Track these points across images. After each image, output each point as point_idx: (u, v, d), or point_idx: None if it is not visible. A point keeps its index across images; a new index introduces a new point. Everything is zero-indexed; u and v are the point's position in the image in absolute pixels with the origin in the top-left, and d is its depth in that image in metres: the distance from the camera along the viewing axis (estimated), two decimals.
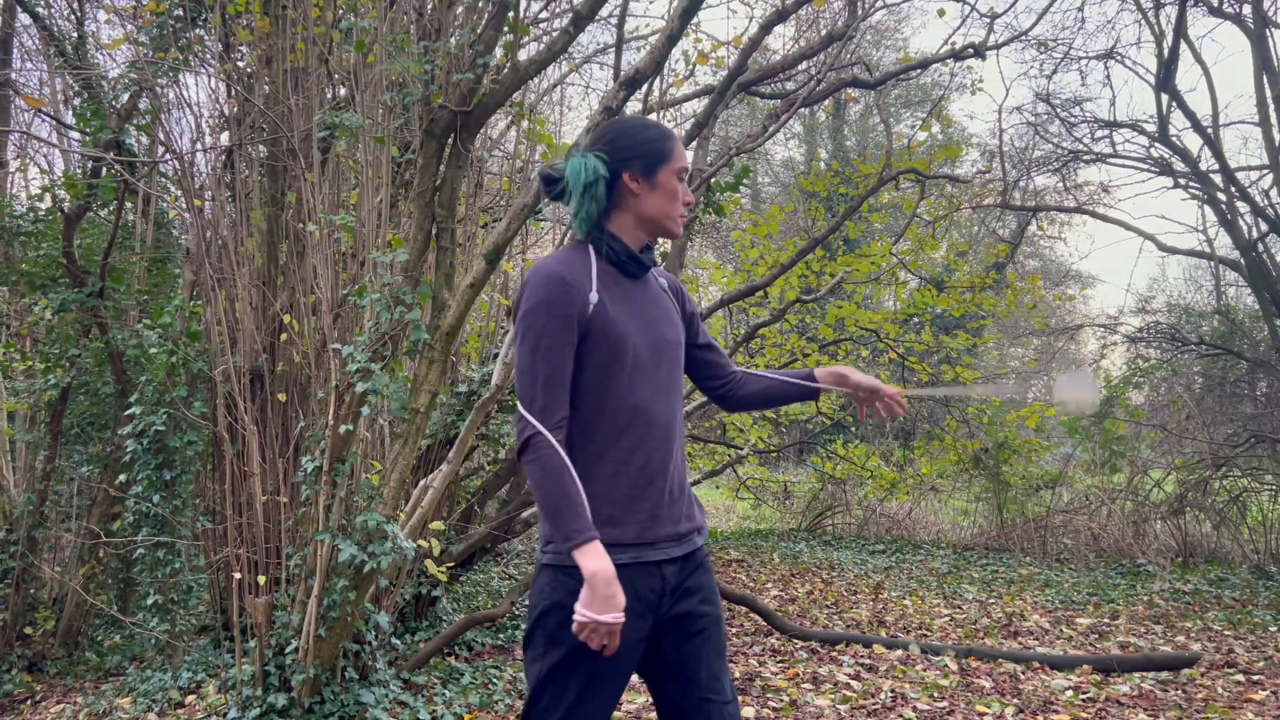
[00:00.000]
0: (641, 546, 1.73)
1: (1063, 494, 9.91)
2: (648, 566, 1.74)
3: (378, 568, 3.42)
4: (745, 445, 9.90)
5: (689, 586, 1.82)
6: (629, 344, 1.75)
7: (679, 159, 1.86)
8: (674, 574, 1.79)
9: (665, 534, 1.77)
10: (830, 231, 6.85)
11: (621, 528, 1.72)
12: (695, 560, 1.84)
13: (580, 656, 1.68)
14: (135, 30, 4.60)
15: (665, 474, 1.78)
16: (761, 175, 21.58)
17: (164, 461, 4.43)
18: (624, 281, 1.84)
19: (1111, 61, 9.61)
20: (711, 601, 1.85)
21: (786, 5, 4.97)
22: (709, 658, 1.80)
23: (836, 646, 5.18)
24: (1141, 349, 10.37)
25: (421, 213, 3.82)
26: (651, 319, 1.84)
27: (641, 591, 1.72)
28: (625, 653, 1.71)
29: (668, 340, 1.85)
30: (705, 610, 1.83)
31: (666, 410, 1.81)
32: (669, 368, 1.84)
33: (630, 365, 1.75)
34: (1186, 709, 4.03)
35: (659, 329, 1.84)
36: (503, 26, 3.81)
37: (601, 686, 1.72)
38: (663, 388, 1.81)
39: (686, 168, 1.88)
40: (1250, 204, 8.64)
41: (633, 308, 1.82)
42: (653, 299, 1.88)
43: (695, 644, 1.80)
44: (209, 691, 3.99)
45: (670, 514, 1.78)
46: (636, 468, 1.74)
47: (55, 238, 5.06)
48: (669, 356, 1.85)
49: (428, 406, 3.77)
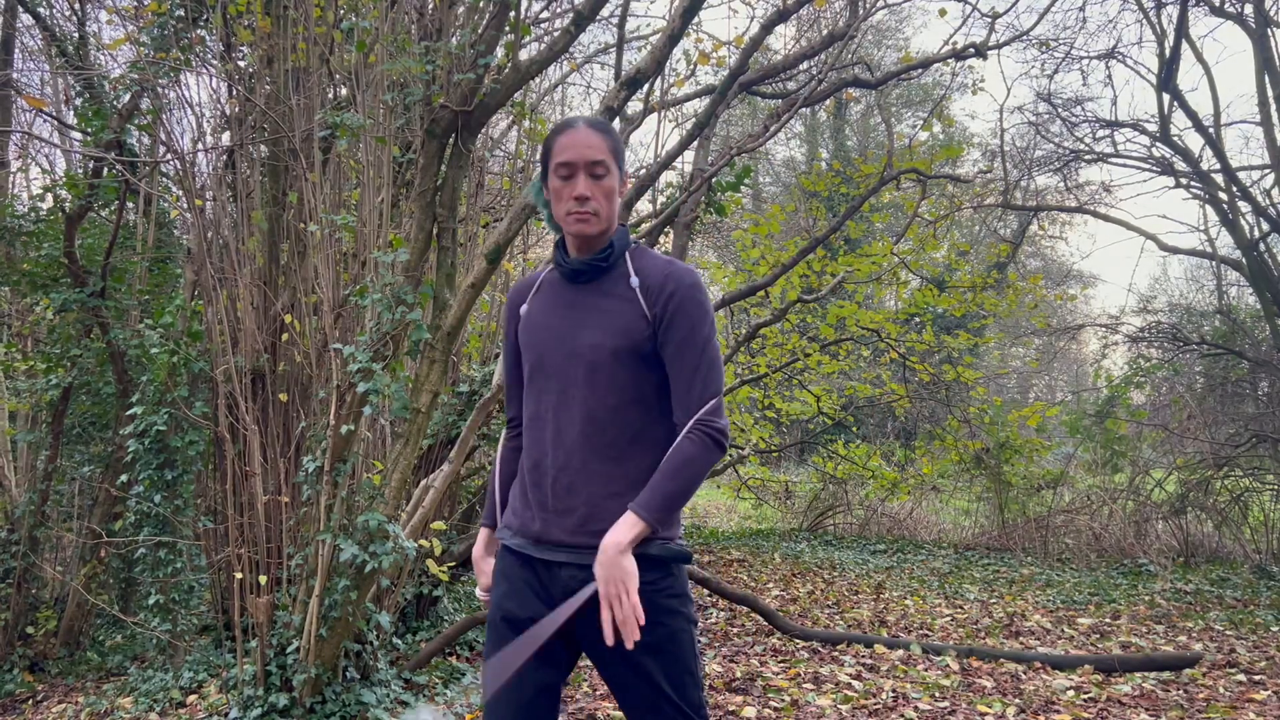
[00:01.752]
0: (522, 538, 1.82)
1: (1064, 494, 9.90)
2: (515, 555, 1.82)
3: (379, 567, 3.42)
4: (746, 445, 9.90)
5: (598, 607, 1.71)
6: (532, 353, 1.84)
7: (557, 153, 1.75)
8: (571, 578, 1.74)
9: (552, 538, 1.76)
10: (831, 231, 6.84)
11: (510, 513, 1.88)
12: None
13: (490, 626, 1.84)
14: (137, 30, 4.60)
15: (550, 478, 1.77)
16: (763, 175, 21.58)
17: (165, 461, 4.43)
18: (568, 288, 1.84)
19: (1113, 61, 9.61)
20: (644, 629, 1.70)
21: (788, 5, 4.97)
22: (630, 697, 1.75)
23: (838, 646, 5.18)
24: (1143, 349, 10.37)
25: (423, 212, 3.82)
26: (574, 325, 1.79)
27: (524, 577, 1.80)
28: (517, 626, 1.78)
29: (582, 346, 1.76)
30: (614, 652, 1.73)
31: (565, 417, 1.76)
32: (581, 373, 1.76)
33: (531, 371, 1.83)
34: (1188, 709, 4.03)
35: (577, 336, 1.77)
36: (504, 26, 3.81)
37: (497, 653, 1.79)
38: (565, 394, 1.77)
39: (567, 161, 1.74)
40: (1252, 203, 8.63)
41: (558, 315, 1.81)
42: (593, 304, 1.79)
43: (610, 677, 1.76)
44: (210, 691, 3.99)
45: (560, 522, 1.76)
46: (528, 468, 1.83)
47: (57, 238, 5.07)
48: (583, 363, 1.75)
49: (429, 406, 3.77)
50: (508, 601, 1.80)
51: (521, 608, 1.78)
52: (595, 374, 1.74)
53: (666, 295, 1.75)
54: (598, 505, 1.73)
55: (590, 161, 1.74)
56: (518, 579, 1.80)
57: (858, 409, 12.43)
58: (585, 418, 1.74)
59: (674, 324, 1.74)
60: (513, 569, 1.82)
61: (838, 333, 8.90)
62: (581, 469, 1.74)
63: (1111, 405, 9.71)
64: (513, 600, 1.79)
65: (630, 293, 1.78)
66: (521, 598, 1.79)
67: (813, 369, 9.45)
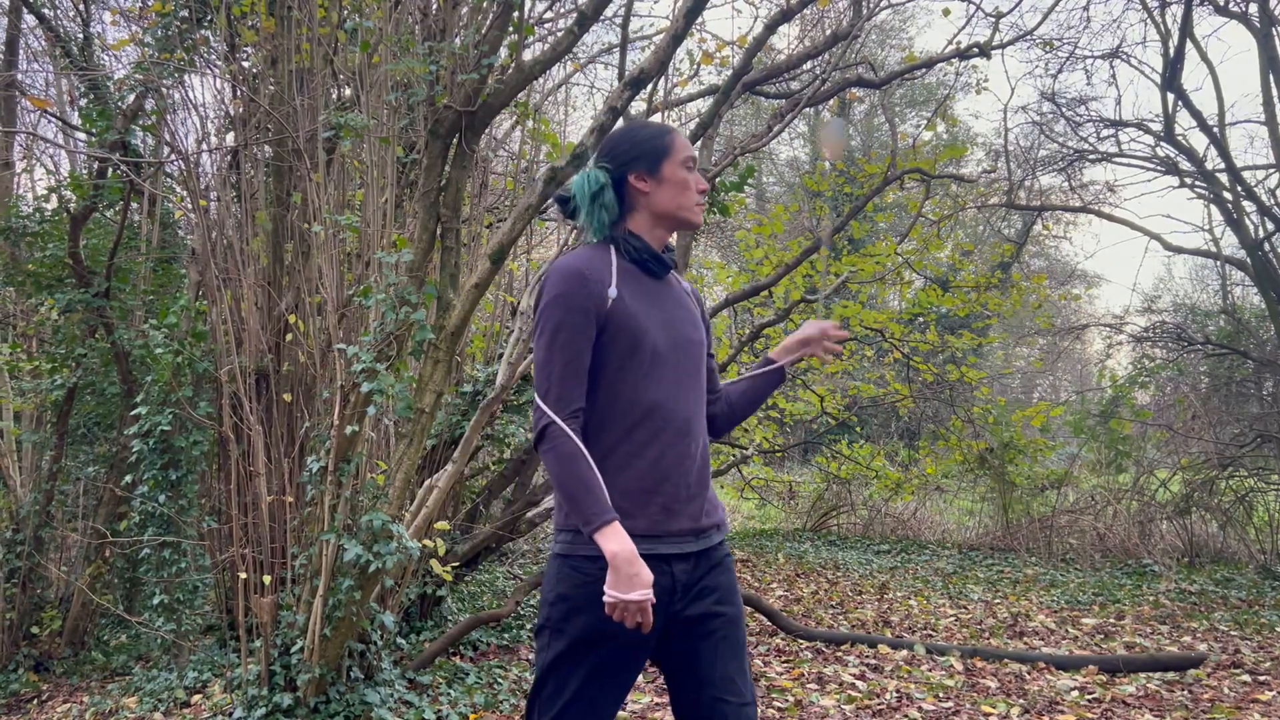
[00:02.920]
0: (651, 540, 1.72)
1: (1068, 494, 9.89)
2: (656, 561, 1.72)
3: (383, 567, 3.42)
4: (750, 445, 9.90)
5: (705, 586, 1.79)
6: (647, 339, 1.76)
7: (682, 149, 1.87)
8: (685, 571, 1.76)
9: (678, 528, 1.75)
10: (835, 231, 6.83)
11: (632, 520, 1.71)
12: (712, 559, 1.82)
13: (585, 648, 1.70)
14: (141, 31, 4.61)
15: (680, 469, 1.77)
16: (766, 175, 21.57)
17: (170, 461, 4.44)
18: (644, 280, 1.85)
19: (1117, 60, 9.59)
20: (729, 601, 1.82)
21: (791, 5, 4.97)
22: (724, 658, 1.78)
23: (841, 646, 5.17)
24: (1147, 348, 10.35)
25: (426, 213, 3.82)
26: (673, 317, 1.85)
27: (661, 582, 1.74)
28: (630, 646, 1.71)
29: (689, 339, 1.85)
30: (721, 611, 1.80)
31: (685, 406, 1.80)
32: (690, 365, 1.84)
33: (648, 360, 1.76)
34: (1192, 709, 4.02)
35: (680, 327, 1.85)
36: (507, 26, 3.81)
37: (605, 678, 1.72)
38: (682, 384, 1.81)
39: (693, 156, 1.87)
40: (1256, 203, 8.61)
41: (653, 305, 1.83)
42: (675, 299, 1.89)
43: (709, 644, 1.78)
44: (214, 691, 4.00)
45: (687, 510, 1.77)
46: (650, 461, 1.74)
47: (61, 238, 5.07)
48: (690, 355, 1.84)
49: (433, 406, 3.78)
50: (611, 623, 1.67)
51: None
52: (699, 366, 1.87)
53: (702, 302, 2.02)
54: (711, 490, 1.86)
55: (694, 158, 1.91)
56: None
57: (861, 409, 12.41)
58: (699, 407, 1.85)
59: (710, 326, 2.01)
60: None
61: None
62: (703, 459, 1.84)
63: (1116, 405, 9.70)
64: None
65: (688, 295, 1.97)
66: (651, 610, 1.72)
67: (816, 369, 9.44)
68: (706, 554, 1.81)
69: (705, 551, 1.81)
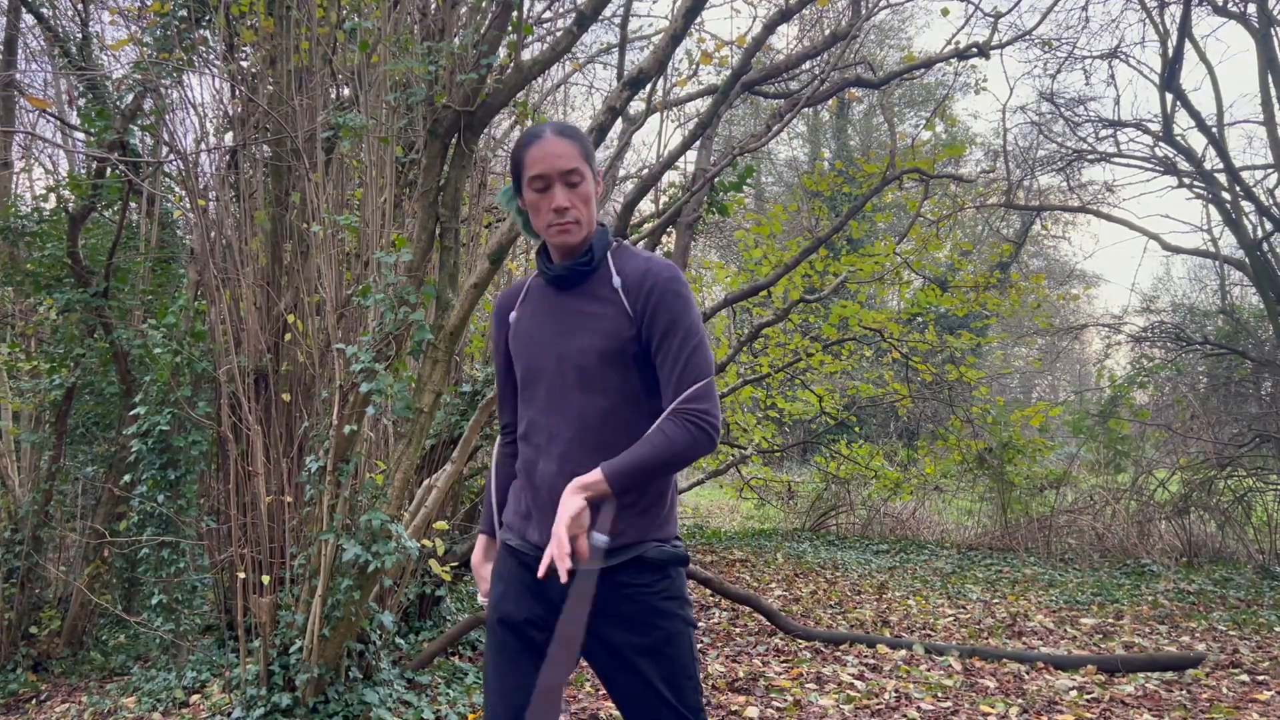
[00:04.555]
0: (521, 539, 1.84)
1: (1067, 494, 9.89)
2: (515, 552, 1.84)
3: (382, 567, 3.42)
4: (749, 445, 9.90)
5: (609, 610, 1.72)
6: (522, 361, 1.86)
7: (529, 166, 1.74)
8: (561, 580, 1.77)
9: (535, 536, 1.80)
10: (834, 231, 6.84)
11: (511, 514, 1.90)
12: (605, 583, 1.71)
13: (489, 629, 1.87)
14: (140, 31, 4.61)
15: (550, 484, 1.77)
16: (765, 175, 21.58)
17: (169, 461, 4.44)
18: (553, 294, 1.84)
19: (1116, 61, 9.59)
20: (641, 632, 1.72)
21: (790, 5, 4.97)
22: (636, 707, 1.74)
23: (840, 646, 5.17)
24: (1146, 349, 10.35)
25: (425, 213, 3.82)
26: (562, 330, 1.80)
27: (524, 577, 1.82)
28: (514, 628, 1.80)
29: (571, 350, 1.77)
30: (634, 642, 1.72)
31: (557, 422, 1.77)
32: (573, 377, 1.77)
33: (524, 378, 1.86)
34: (1191, 709, 4.02)
35: (566, 341, 1.78)
36: (506, 26, 3.81)
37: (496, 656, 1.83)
38: (556, 399, 1.78)
39: (541, 173, 1.73)
40: (1255, 203, 8.62)
41: (546, 321, 1.82)
42: (577, 308, 1.79)
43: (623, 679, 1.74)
44: (213, 691, 4.00)
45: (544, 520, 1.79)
46: (524, 471, 1.86)
47: (60, 238, 5.07)
48: (573, 366, 1.76)
49: (432, 406, 3.78)
50: (505, 603, 1.82)
51: (518, 609, 1.80)
52: (585, 377, 1.75)
53: (646, 291, 1.74)
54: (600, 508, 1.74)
55: (564, 171, 1.73)
56: (515, 581, 1.83)
57: (860, 409, 12.41)
58: (578, 421, 1.76)
59: (656, 318, 1.73)
60: (511, 571, 1.84)
61: (840, 332, 8.90)
62: (575, 472, 1.73)
63: (1114, 405, 9.71)
64: (510, 602, 1.81)
65: (614, 294, 1.78)
66: (519, 600, 1.81)
67: (815, 369, 9.45)
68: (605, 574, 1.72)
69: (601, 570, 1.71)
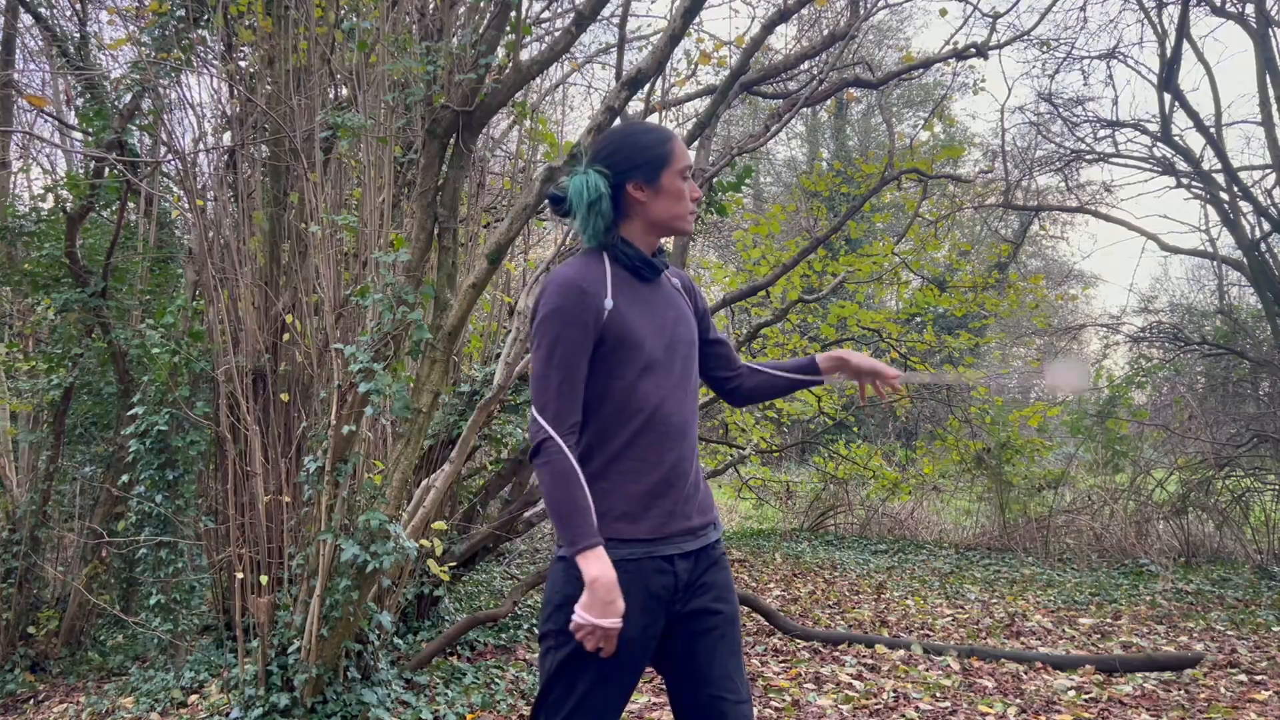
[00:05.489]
0: (656, 542, 1.76)
1: (1065, 494, 9.90)
2: (660, 562, 1.77)
3: (380, 567, 3.42)
4: (747, 445, 9.90)
5: (704, 582, 1.84)
6: (645, 347, 1.79)
7: (680, 159, 1.86)
8: (687, 570, 1.81)
9: (679, 528, 1.80)
10: (832, 231, 6.84)
11: (637, 524, 1.76)
12: (710, 556, 1.86)
13: (590, 652, 1.71)
14: (138, 31, 4.60)
15: (681, 472, 1.82)
16: (764, 175, 21.57)
17: (167, 461, 4.44)
18: (638, 285, 1.86)
19: (1114, 61, 9.60)
20: (726, 599, 1.86)
21: (789, 5, 4.97)
22: (722, 656, 1.82)
23: (839, 646, 5.17)
24: (1144, 349, 10.36)
25: (424, 212, 3.82)
26: (666, 321, 1.87)
27: (654, 588, 1.76)
28: (637, 648, 1.75)
29: (682, 341, 1.89)
30: (719, 608, 1.84)
31: (682, 409, 1.84)
32: (684, 368, 1.88)
33: (646, 367, 1.79)
34: (1189, 709, 4.03)
35: (674, 330, 1.87)
36: (505, 26, 3.81)
37: (612, 680, 1.74)
38: (678, 387, 1.85)
39: (689, 165, 1.88)
40: (1253, 203, 8.63)
41: (647, 311, 1.85)
42: (667, 301, 1.91)
43: (708, 641, 1.82)
44: (212, 691, 4.00)
45: (685, 510, 1.82)
46: (652, 466, 1.78)
47: (58, 238, 5.07)
48: (684, 356, 1.88)
49: (430, 406, 3.78)
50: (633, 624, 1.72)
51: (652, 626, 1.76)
52: (691, 367, 1.92)
53: (695, 292, 2.05)
54: (705, 487, 1.91)
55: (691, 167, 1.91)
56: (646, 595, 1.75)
57: (859, 409, 12.42)
58: (693, 406, 1.88)
59: (707, 314, 2.05)
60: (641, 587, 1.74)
61: (839, 332, 8.90)
62: (696, 459, 1.87)
63: (1113, 405, 9.71)
64: (637, 621, 1.73)
65: (678, 293, 1.98)
66: (645, 615, 1.74)
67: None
68: (705, 551, 1.86)
69: (704, 549, 1.86)
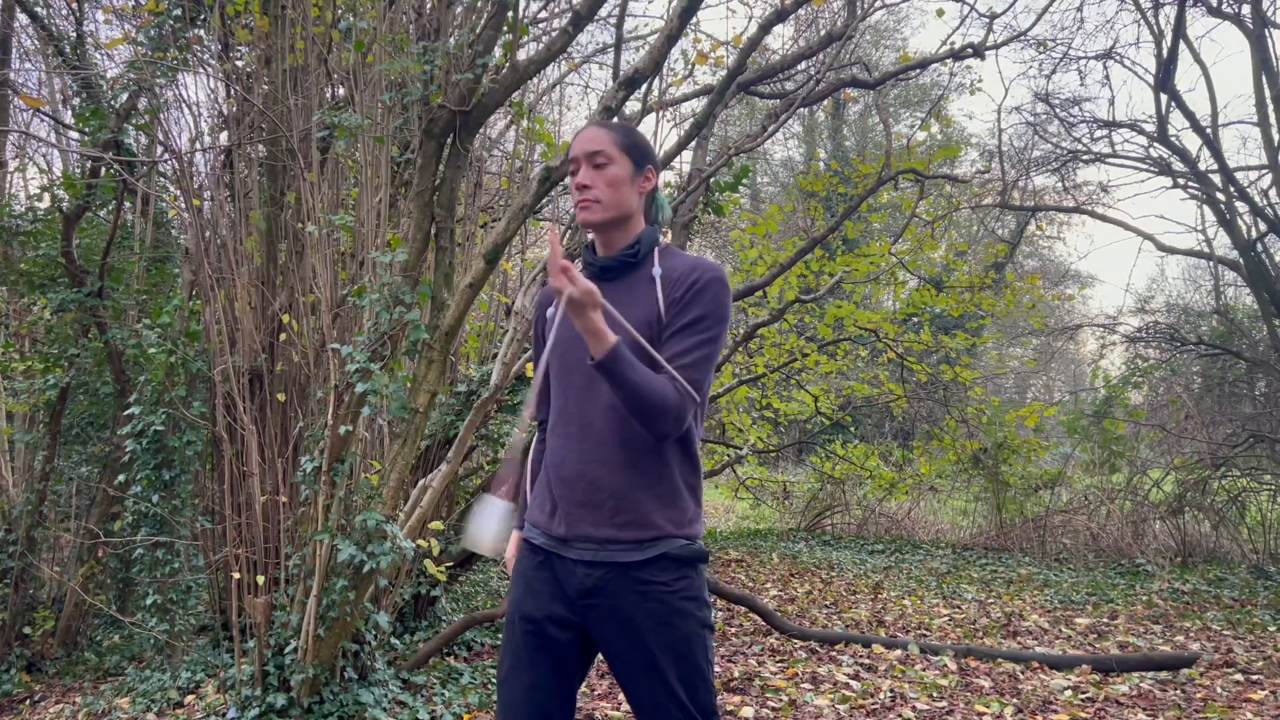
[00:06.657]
0: (547, 536, 1.83)
1: (1062, 494, 9.91)
2: (547, 556, 1.82)
3: (377, 567, 3.42)
4: (744, 445, 9.90)
5: (615, 607, 1.73)
6: (557, 351, 1.85)
7: (570, 154, 1.88)
8: (588, 577, 1.76)
9: (577, 533, 1.77)
10: (829, 231, 6.85)
11: (536, 510, 1.88)
12: (627, 578, 1.73)
13: (508, 626, 1.85)
14: (134, 30, 4.60)
15: (579, 472, 1.78)
16: (761, 175, 21.59)
17: (163, 461, 4.43)
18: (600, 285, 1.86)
19: (1110, 61, 9.62)
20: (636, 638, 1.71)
21: (786, 5, 4.97)
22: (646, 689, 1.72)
23: (836, 646, 5.18)
24: (1140, 349, 10.38)
25: (421, 212, 3.82)
26: None
27: (544, 575, 1.82)
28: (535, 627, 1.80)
29: None
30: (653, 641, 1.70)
31: (592, 410, 1.78)
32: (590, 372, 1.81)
33: (557, 370, 1.87)
34: (1185, 709, 4.03)
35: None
36: (502, 26, 3.81)
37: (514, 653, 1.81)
38: (590, 389, 1.79)
39: (572, 157, 1.85)
40: (1249, 204, 8.65)
41: None
42: (616, 301, 1.80)
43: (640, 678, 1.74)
44: (208, 691, 3.99)
45: (586, 515, 1.76)
46: (553, 465, 1.84)
47: (54, 237, 5.06)
48: None
49: (427, 406, 3.77)
50: (525, 602, 1.83)
51: (538, 608, 1.81)
52: None
53: (689, 282, 1.75)
54: (624, 498, 1.74)
55: (589, 153, 1.82)
56: (535, 579, 1.84)
57: (856, 409, 12.43)
58: (609, 413, 1.76)
59: (686, 308, 1.74)
60: (531, 569, 1.85)
61: (835, 333, 8.91)
62: (608, 462, 1.75)
63: (1109, 405, 9.72)
64: (530, 601, 1.82)
65: (651, 285, 1.79)
66: (538, 598, 1.82)
67: (810, 369, 9.45)
68: (615, 569, 1.74)
69: (613, 565, 1.74)
